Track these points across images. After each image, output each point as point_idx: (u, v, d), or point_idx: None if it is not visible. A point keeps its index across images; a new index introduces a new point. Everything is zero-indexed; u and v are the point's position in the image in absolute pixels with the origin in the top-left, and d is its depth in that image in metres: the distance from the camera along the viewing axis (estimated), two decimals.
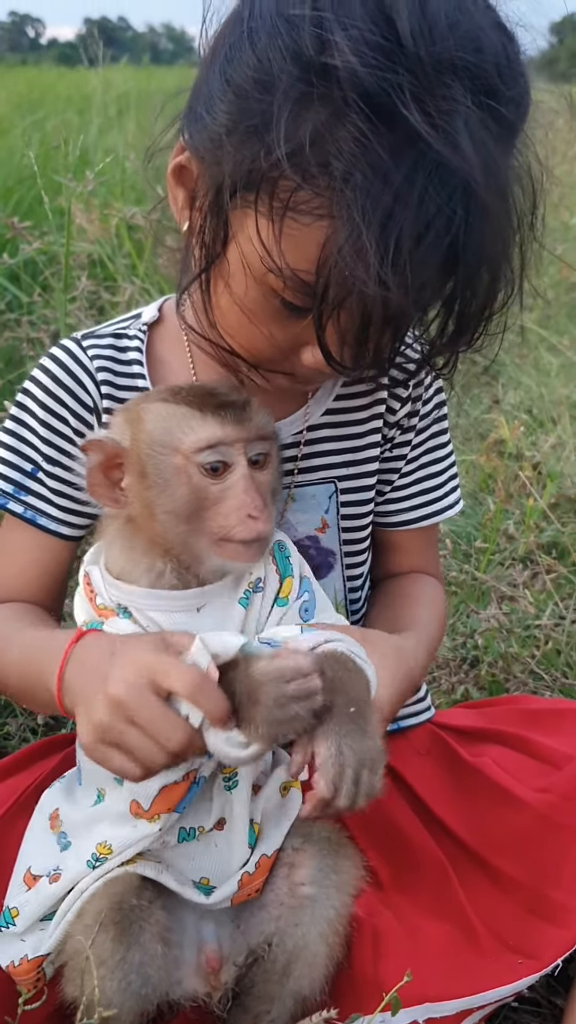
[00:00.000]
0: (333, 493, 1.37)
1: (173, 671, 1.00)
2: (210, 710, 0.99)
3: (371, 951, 1.22)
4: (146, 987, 1.13)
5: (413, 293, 0.99)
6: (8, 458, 1.33)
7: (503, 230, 1.04)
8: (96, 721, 1.03)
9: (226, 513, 1.11)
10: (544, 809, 1.31)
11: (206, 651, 1.02)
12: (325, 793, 1.01)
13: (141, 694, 1.00)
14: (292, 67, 0.97)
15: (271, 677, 1.00)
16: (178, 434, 1.11)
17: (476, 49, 0.97)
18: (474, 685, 1.97)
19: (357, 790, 1.02)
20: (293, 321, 1.11)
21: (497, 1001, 1.21)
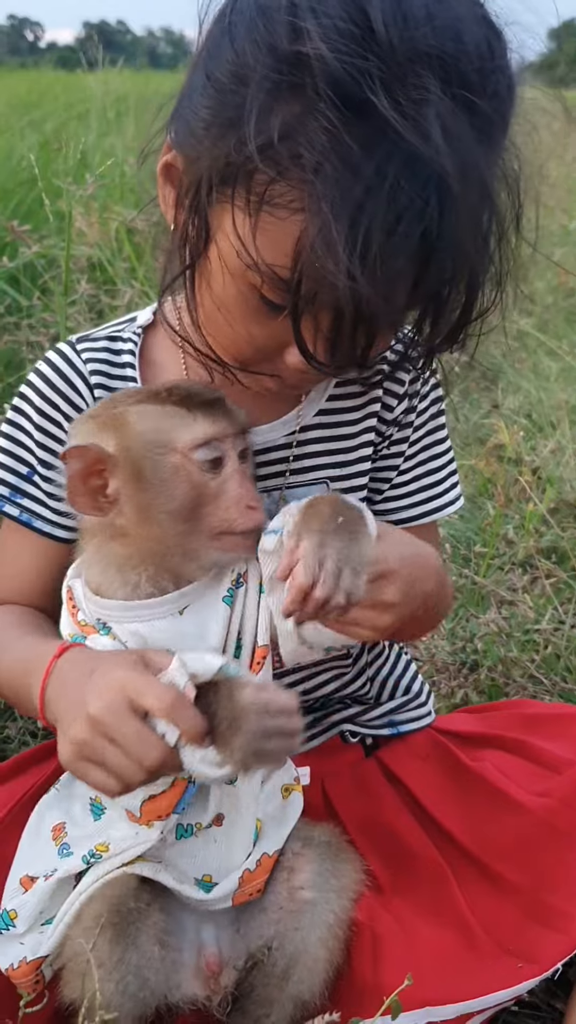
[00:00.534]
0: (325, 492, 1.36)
1: (149, 690, 1.01)
2: (186, 729, 1.01)
3: (370, 955, 1.22)
4: (144, 990, 1.13)
5: (384, 287, 0.97)
6: (4, 462, 1.34)
7: (480, 225, 1.02)
8: (75, 738, 1.05)
9: (226, 506, 1.13)
10: (544, 814, 1.31)
11: (184, 671, 1.03)
12: (303, 579, 1.02)
13: (118, 713, 1.02)
14: (266, 58, 0.97)
15: (257, 709, 1.01)
16: (172, 433, 1.12)
17: (454, 40, 0.96)
18: (473, 689, 1.97)
19: (336, 584, 1.01)
20: (272, 319, 1.09)
21: (497, 1005, 1.20)
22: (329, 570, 1.01)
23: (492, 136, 1.02)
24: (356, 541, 1.05)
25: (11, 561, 1.38)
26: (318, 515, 1.06)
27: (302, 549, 1.03)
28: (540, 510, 2.44)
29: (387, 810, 1.41)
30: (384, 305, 1.00)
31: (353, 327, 1.03)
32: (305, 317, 1.04)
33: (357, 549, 1.04)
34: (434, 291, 1.05)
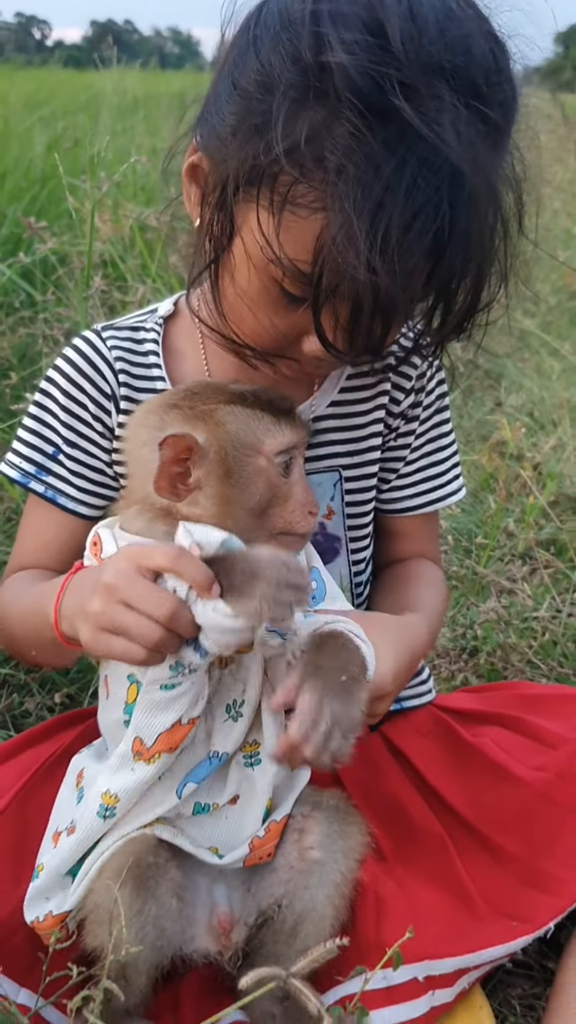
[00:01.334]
0: (338, 481, 1.43)
1: (155, 551, 1.07)
2: (192, 577, 1.05)
3: (374, 915, 1.27)
4: (161, 939, 1.19)
5: (401, 280, 1.04)
6: (31, 440, 1.41)
7: (489, 223, 1.10)
8: (92, 611, 1.09)
9: (292, 509, 1.20)
10: (540, 786, 1.37)
11: (189, 536, 1.08)
12: (295, 737, 1.05)
13: (128, 575, 1.07)
14: (291, 69, 1.04)
15: (277, 561, 1.06)
16: (263, 437, 1.19)
17: (464, 54, 1.03)
18: (473, 673, 2.02)
19: (325, 746, 1.06)
20: (293, 310, 1.17)
21: (492, 961, 1.26)
22: (321, 732, 1.06)
23: (499, 141, 1.10)
24: (352, 703, 1.09)
25: (35, 535, 1.45)
26: (323, 669, 1.10)
27: (301, 704, 1.07)
28: (540, 503, 2.50)
29: (390, 782, 1.47)
30: (401, 296, 1.07)
31: (371, 317, 1.10)
32: (325, 308, 1.11)
33: (351, 711, 1.09)
34: (445, 283, 1.12)
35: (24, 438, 1.42)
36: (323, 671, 1.09)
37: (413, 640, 1.31)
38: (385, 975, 1.21)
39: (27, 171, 4.66)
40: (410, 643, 1.30)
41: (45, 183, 4.45)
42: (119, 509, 1.28)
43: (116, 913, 1.11)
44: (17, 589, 1.41)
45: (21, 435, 1.43)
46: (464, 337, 1.25)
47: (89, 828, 1.21)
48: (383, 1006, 1.21)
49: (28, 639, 1.36)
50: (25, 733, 1.53)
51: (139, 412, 1.26)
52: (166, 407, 1.22)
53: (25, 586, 1.40)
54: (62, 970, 1.14)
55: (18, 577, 1.44)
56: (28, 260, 3.12)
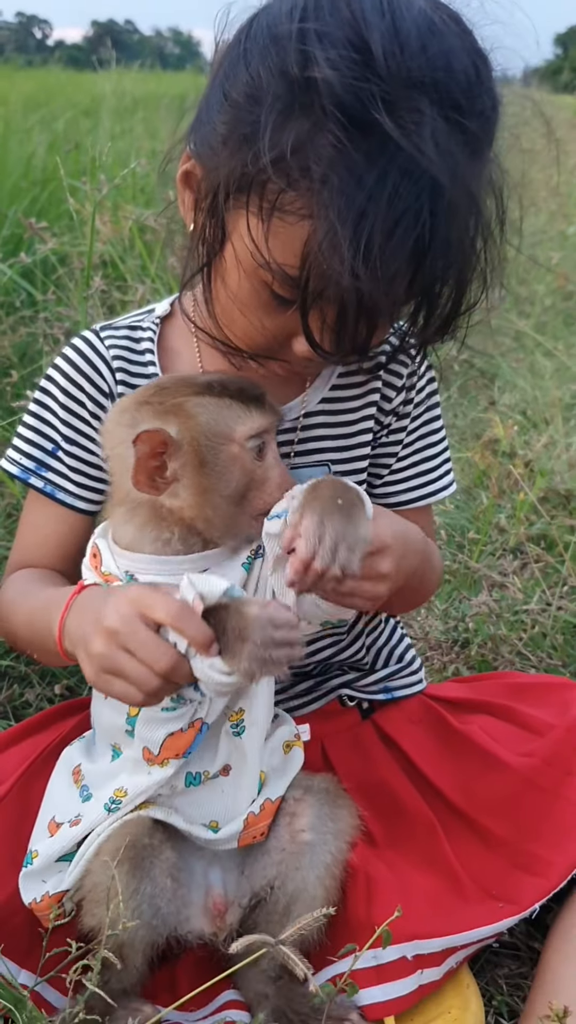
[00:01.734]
0: (327, 475, 1.47)
1: (159, 603, 1.11)
2: (192, 635, 1.09)
3: (364, 896, 1.30)
4: (156, 918, 1.23)
5: (384, 285, 1.08)
6: (31, 437, 1.45)
7: (469, 229, 1.14)
8: (94, 652, 1.14)
9: (269, 491, 1.24)
10: (527, 772, 1.40)
11: (192, 588, 1.12)
12: (303, 553, 1.10)
13: (131, 623, 1.11)
14: (278, 82, 1.08)
15: (262, 621, 1.09)
16: (233, 425, 1.22)
17: (445, 68, 1.07)
18: (464, 664, 2.05)
19: (333, 558, 1.10)
20: (282, 312, 1.20)
21: (479, 941, 1.28)
22: (327, 546, 1.10)
23: (478, 150, 1.13)
24: (353, 520, 1.14)
25: (34, 530, 1.49)
26: (319, 496, 1.15)
27: (303, 526, 1.12)
28: (531, 499, 2.53)
29: (382, 769, 1.50)
30: (384, 300, 1.11)
31: (356, 320, 1.14)
32: (312, 311, 1.15)
33: (353, 527, 1.13)
34: (428, 287, 1.16)
35: (24, 435, 1.45)
36: (319, 499, 1.14)
37: (404, 523, 1.31)
38: (375, 954, 1.23)
39: (27, 172, 4.70)
40: (401, 522, 1.30)
41: (45, 184, 4.49)
42: (109, 510, 1.32)
43: (113, 891, 1.14)
44: (19, 588, 1.44)
45: (21, 432, 1.46)
46: (449, 337, 1.28)
47: (95, 821, 1.25)
48: (373, 984, 1.24)
49: (31, 644, 1.40)
50: (25, 722, 1.56)
51: (113, 412, 1.30)
52: (137, 404, 1.25)
53: (27, 586, 1.43)
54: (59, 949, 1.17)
55: (20, 575, 1.47)
56: (29, 260, 3.15)
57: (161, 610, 1.10)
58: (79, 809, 1.30)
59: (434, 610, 2.26)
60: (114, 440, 1.26)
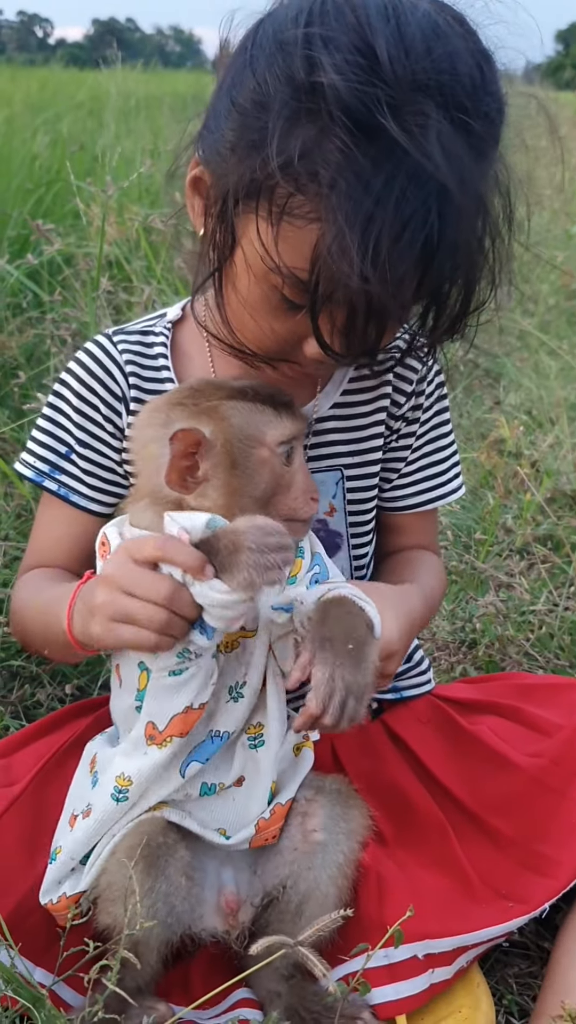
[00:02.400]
0: (340, 479, 1.48)
1: (146, 542, 1.15)
2: (183, 561, 1.12)
3: (376, 895, 1.31)
4: (171, 916, 1.24)
5: (392, 287, 1.09)
6: (45, 440, 1.46)
7: (476, 231, 1.15)
8: (97, 603, 1.18)
9: (294, 496, 1.26)
10: (535, 772, 1.41)
11: (175, 524, 1.15)
12: (314, 710, 1.13)
13: (125, 566, 1.15)
14: (285, 88, 1.09)
15: (254, 528, 1.13)
16: (264, 428, 1.24)
17: (450, 71, 1.08)
18: (472, 665, 2.06)
19: (342, 713, 1.13)
20: (292, 315, 1.21)
21: (489, 940, 1.30)
22: (336, 702, 1.13)
23: (485, 151, 1.14)
24: (362, 668, 1.16)
25: (47, 532, 1.51)
26: (330, 638, 1.16)
27: (314, 678, 1.14)
28: (537, 500, 2.54)
29: (391, 769, 1.51)
30: (393, 302, 1.12)
31: (365, 322, 1.15)
32: (322, 314, 1.16)
33: (363, 677, 1.16)
34: (436, 289, 1.17)
35: (38, 438, 1.47)
36: (331, 642, 1.16)
37: (410, 604, 1.35)
38: (387, 953, 1.25)
39: (31, 172, 4.70)
40: (407, 607, 1.34)
41: (50, 185, 4.50)
42: (128, 505, 1.33)
43: (130, 890, 1.15)
44: (31, 588, 1.45)
45: (35, 435, 1.48)
46: (458, 338, 1.29)
47: (104, 811, 1.26)
48: (385, 983, 1.25)
49: (41, 638, 1.41)
50: (38, 722, 1.57)
51: (145, 411, 1.30)
52: (171, 405, 1.27)
53: (39, 586, 1.44)
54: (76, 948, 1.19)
55: (32, 576, 1.48)
56: (36, 262, 3.16)
57: (148, 547, 1.14)
58: (88, 797, 1.31)
59: (441, 611, 2.27)
60: (144, 438, 1.27)
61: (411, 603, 1.36)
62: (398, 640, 1.26)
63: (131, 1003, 1.15)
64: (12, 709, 1.92)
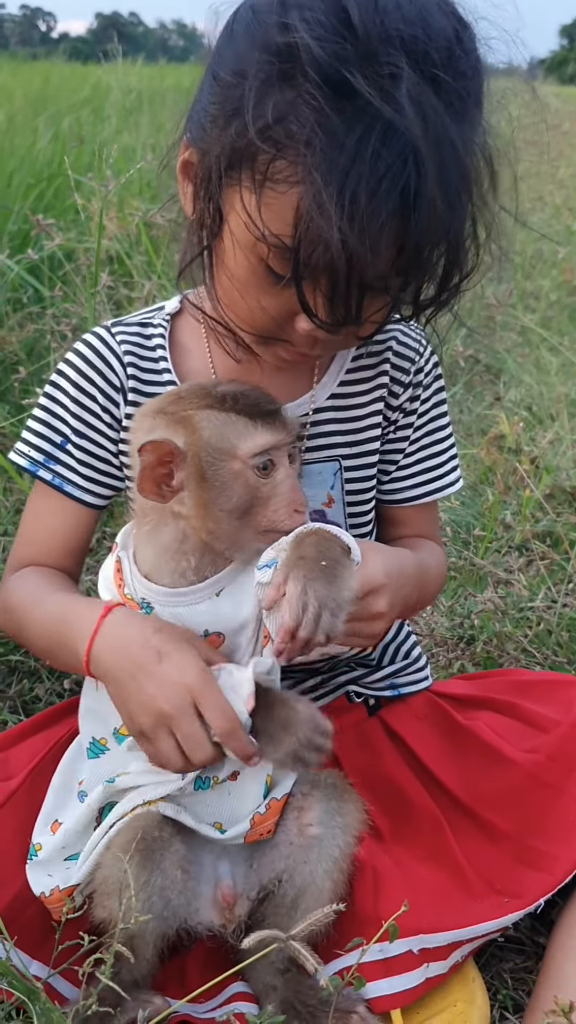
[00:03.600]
0: (338, 470, 1.48)
1: (214, 705, 1.18)
2: (238, 752, 1.19)
3: (371, 890, 1.31)
4: (167, 910, 1.24)
5: (371, 242, 1.09)
6: (40, 430, 1.46)
7: (455, 187, 1.13)
8: (140, 725, 1.22)
9: (275, 508, 1.24)
10: (532, 768, 1.41)
11: (251, 680, 1.19)
12: (288, 623, 1.13)
13: (184, 714, 1.18)
14: (261, 53, 1.10)
15: (310, 723, 1.19)
16: (235, 441, 1.23)
17: (422, 27, 1.08)
18: (470, 661, 2.06)
19: (316, 626, 1.13)
20: (279, 289, 1.20)
21: (484, 935, 1.30)
22: (311, 614, 1.13)
23: (461, 110, 1.13)
24: (336, 583, 1.16)
25: (41, 523, 1.50)
26: (303, 557, 1.17)
27: (287, 593, 1.15)
28: (536, 496, 2.54)
29: (388, 764, 1.51)
30: (371, 258, 1.11)
31: (347, 283, 1.14)
32: (306, 281, 1.15)
33: (336, 590, 1.15)
34: (417, 248, 1.15)
35: (34, 428, 1.47)
36: (304, 560, 1.17)
37: (400, 556, 1.36)
38: (382, 947, 1.25)
39: (33, 167, 4.70)
40: (396, 555, 1.34)
41: (52, 180, 4.49)
42: (133, 514, 1.33)
43: (125, 884, 1.16)
44: (30, 589, 1.44)
45: (31, 425, 1.48)
46: (446, 307, 1.29)
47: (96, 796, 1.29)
48: (380, 978, 1.25)
49: (48, 655, 1.42)
50: (35, 717, 1.58)
51: (137, 416, 1.31)
52: (155, 412, 1.27)
53: (39, 593, 1.42)
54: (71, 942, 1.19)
55: (28, 576, 1.47)
56: (36, 257, 3.15)
57: (215, 718, 1.18)
58: (74, 811, 1.33)
59: (440, 607, 2.27)
60: (135, 444, 1.27)
61: (401, 556, 1.36)
62: (383, 575, 1.25)
63: (125, 997, 1.16)
64: (11, 704, 1.92)
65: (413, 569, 1.38)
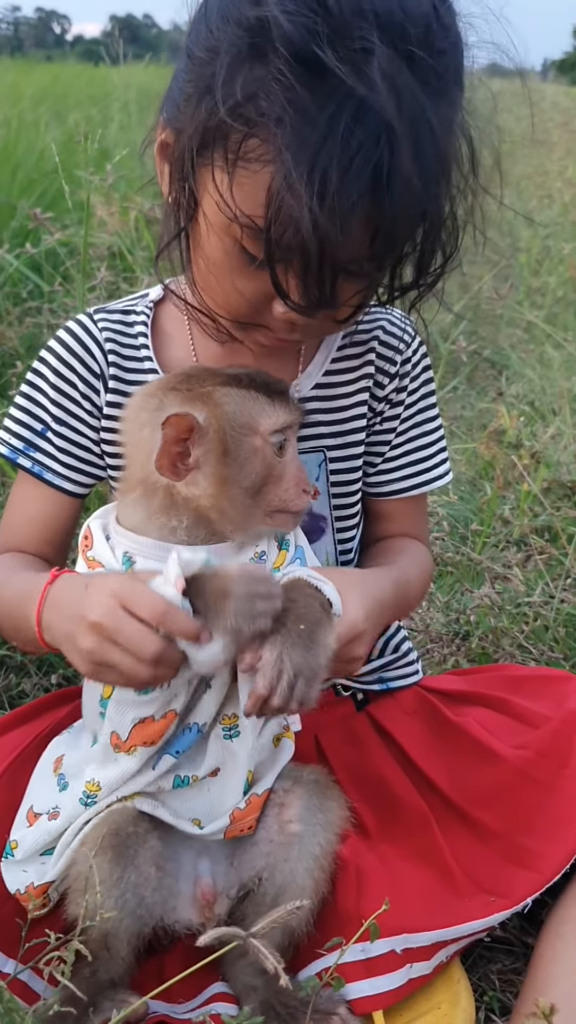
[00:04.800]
0: (322, 461, 1.45)
1: (141, 599, 1.11)
2: (180, 631, 1.10)
3: (355, 889, 1.29)
4: (141, 907, 1.22)
5: (341, 221, 1.05)
6: (20, 417, 1.45)
7: (431, 167, 1.10)
8: (84, 648, 1.15)
9: (286, 487, 1.24)
10: (521, 764, 1.38)
11: (177, 564, 1.12)
12: (261, 691, 1.11)
13: (115, 616, 1.11)
14: (233, 29, 1.08)
15: (244, 576, 1.12)
16: (257, 417, 1.22)
17: (399, 2, 1.05)
18: (465, 657, 2.04)
19: (291, 695, 1.11)
20: (255, 271, 1.18)
21: (470, 935, 1.27)
22: (284, 683, 1.11)
23: (440, 88, 1.10)
24: (313, 649, 1.14)
25: (20, 510, 1.49)
26: (282, 620, 1.14)
27: (264, 657, 1.12)
28: (534, 490, 2.51)
29: (376, 760, 1.49)
30: (343, 239, 1.08)
31: (319, 265, 1.11)
32: (279, 263, 1.13)
33: (313, 658, 1.13)
34: (391, 229, 1.12)
35: (14, 415, 1.45)
36: (282, 624, 1.14)
37: (379, 587, 1.33)
38: (364, 947, 1.22)
39: (39, 164, 4.70)
40: (376, 590, 1.31)
41: (56, 176, 4.49)
42: (120, 494, 1.30)
43: (91, 882, 1.13)
44: (2, 572, 1.43)
45: (12, 412, 1.46)
46: (426, 291, 1.26)
47: (71, 815, 1.25)
48: (361, 978, 1.23)
49: (12, 633, 1.40)
50: (16, 710, 1.56)
51: (137, 396, 1.29)
52: (165, 390, 1.25)
53: (8, 576, 1.41)
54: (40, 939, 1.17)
55: (2, 562, 1.46)
56: (35, 251, 3.14)
57: (145, 609, 1.11)
58: (56, 800, 1.30)
59: (435, 602, 2.25)
60: (137, 423, 1.25)
61: (380, 586, 1.33)
62: (364, 621, 1.24)
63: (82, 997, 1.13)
64: None
65: (392, 596, 1.37)
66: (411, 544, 1.54)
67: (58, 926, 1.22)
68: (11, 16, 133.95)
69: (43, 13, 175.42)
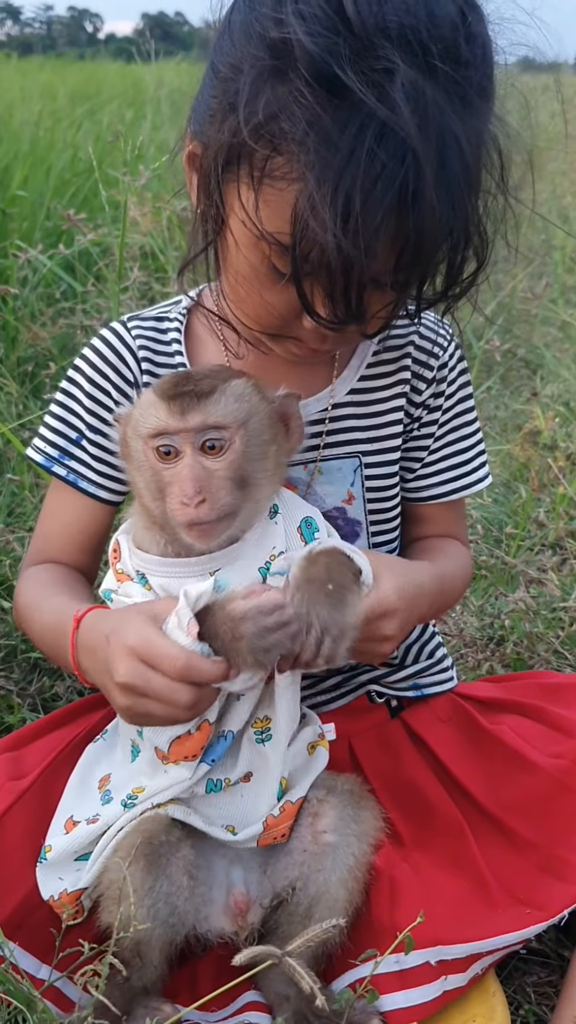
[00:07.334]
0: (358, 467, 1.44)
1: (159, 654, 1.12)
2: (205, 679, 1.12)
3: (388, 899, 1.28)
4: (173, 916, 1.22)
5: (365, 243, 1.04)
6: (56, 426, 1.45)
7: (459, 183, 1.08)
8: (120, 705, 1.18)
9: (170, 498, 1.18)
10: (557, 773, 1.37)
11: (187, 607, 1.12)
12: (288, 644, 1.11)
13: (141, 674, 1.13)
14: (256, 47, 1.07)
15: (250, 613, 1.10)
16: (143, 420, 1.21)
17: (427, 14, 1.04)
18: (499, 662, 2.02)
19: (317, 651, 1.11)
20: (281, 286, 1.17)
21: (505, 947, 1.26)
22: (312, 640, 1.11)
23: (464, 100, 1.08)
24: (341, 608, 1.14)
25: (55, 518, 1.49)
26: (311, 579, 1.15)
27: (290, 612, 1.12)
28: (570, 493, 2.48)
29: (409, 768, 1.48)
30: (367, 260, 1.07)
31: (344, 283, 1.10)
32: (306, 280, 1.12)
33: (340, 616, 1.14)
34: (417, 246, 1.10)
35: (50, 423, 1.46)
36: (310, 583, 1.14)
37: (416, 573, 1.32)
38: (398, 959, 1.21)
39: (72, 164, 4.71)
40: (412, 573, 1.31)
41: (89, 176, 4.50)
42: (132, 516, 1.32)
43: (125, 892, 1.13)
44: (37, 590, 1.43)
45: (47, 421, 1.46)
46: (457, 300, 1.24)
47: (112, 817, 1.26)
48: (396, 990, 1.22)
49: (49, 652, 1.41)
50: (50, 715, 1.56)
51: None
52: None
53: (44, 591, 1.41)
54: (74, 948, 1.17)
55: (38, 574, 1.46)
56: (67, 252, 3.15)
57: (165, 664, 1.11)
58: (98, 810, 1.30)
59: (469, 607, 2.23)
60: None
61: (418, 570, 1.33)
62: (396, 598, 1.23)
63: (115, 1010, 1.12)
64: (30, 701, 1.91)
65: (431, 584, 1.35)
66: (450, 543, 1.53)
67: (91, 933, 1.23)
68: (44, 15, 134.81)
69: (75, 12, 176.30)
